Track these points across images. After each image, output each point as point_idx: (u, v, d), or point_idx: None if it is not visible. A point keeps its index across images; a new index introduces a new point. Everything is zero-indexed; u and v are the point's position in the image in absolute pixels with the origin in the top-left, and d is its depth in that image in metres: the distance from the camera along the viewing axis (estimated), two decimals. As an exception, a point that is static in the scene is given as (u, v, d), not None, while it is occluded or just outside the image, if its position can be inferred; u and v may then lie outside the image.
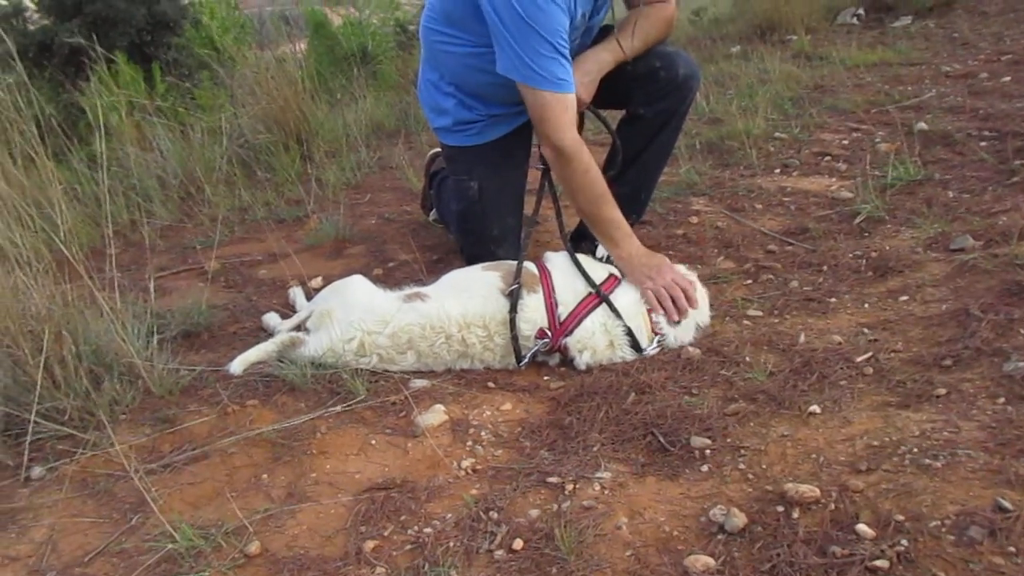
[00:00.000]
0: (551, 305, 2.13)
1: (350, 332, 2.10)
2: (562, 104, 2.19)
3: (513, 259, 2.27)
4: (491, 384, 2.08)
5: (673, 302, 2.18)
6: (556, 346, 2.13)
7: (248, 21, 9.39)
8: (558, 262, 2.27)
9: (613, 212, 2.30)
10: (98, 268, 2.20)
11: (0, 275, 1.95)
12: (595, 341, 2.11)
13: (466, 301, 2.13)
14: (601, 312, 2.14)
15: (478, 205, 2.56)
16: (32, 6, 9.55)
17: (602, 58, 2.38)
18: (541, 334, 2.11)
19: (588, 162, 2.25)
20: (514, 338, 2.10)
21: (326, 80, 5.98)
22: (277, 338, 2.24)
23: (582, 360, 2.11)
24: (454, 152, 2.61)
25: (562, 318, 2.12)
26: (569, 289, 2.17)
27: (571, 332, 2.11)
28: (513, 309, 2.10)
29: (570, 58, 2.20)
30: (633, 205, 2.65)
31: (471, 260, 2.50)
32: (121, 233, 3.44)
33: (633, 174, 2.62)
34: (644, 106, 2.51)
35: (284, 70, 4.45)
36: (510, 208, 2.60)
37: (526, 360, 2.12)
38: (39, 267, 2.05)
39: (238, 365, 2.14)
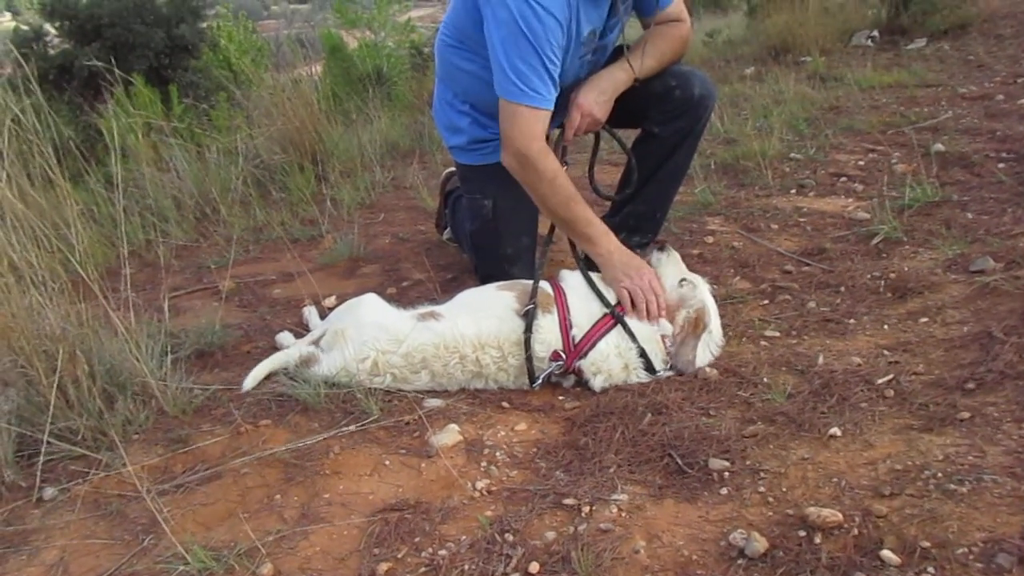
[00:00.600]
0: (565, 327, 2.11)
1: (364, 351, 2.09)
2: (535, 116, 2.19)
3: (527, 278, 2.26)
4: (506, 404, 2.06)
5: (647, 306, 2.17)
6: (570, 368, 2.11)
7: (265, 44, 9.52)
8: (573, 282, 2.25)
9: (585, 211, 2.29)
10: (113, 288, 2.20)
11: (16, 295, 1.96)
12: (609, 364, 2.09)
13: (480, 321, 2.12)
14: (615, 334, 2.12)
15: (492, 224, 2.56)
16: (53, 30, 9.69)
17: (617, 77, 2.38)
18: (555, 356, 2.09)
19: (555, 169, 2.24)
20: (528, 359, 2.09)
21: (341, 101, 6.02)
22: (291, 350, 2.23)
23: (596, 383, 2.09)
24: (469, 171, 2.61)
25: (576, 340, 2.10)
26: (584, 311, 2.15)
27: (585, 355, 2.09)
28: (528, 329, 2.09)
29: (556, 76, 2.20)
30: (648, 224, 2.64)
31: (485, 279, 2.49)
32: (136, 253, 3.46)
33: (648, 193, 2.61)
34: (659, 125, 2.51)
35: (300, 92, 4.49)
36: (524, 227, 2.60)
37: (539, 381, 2.10)
38: (55, 287, 2.05)
39: (250, 381, 2.14)
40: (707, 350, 2.16)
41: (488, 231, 2.58)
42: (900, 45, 6.48)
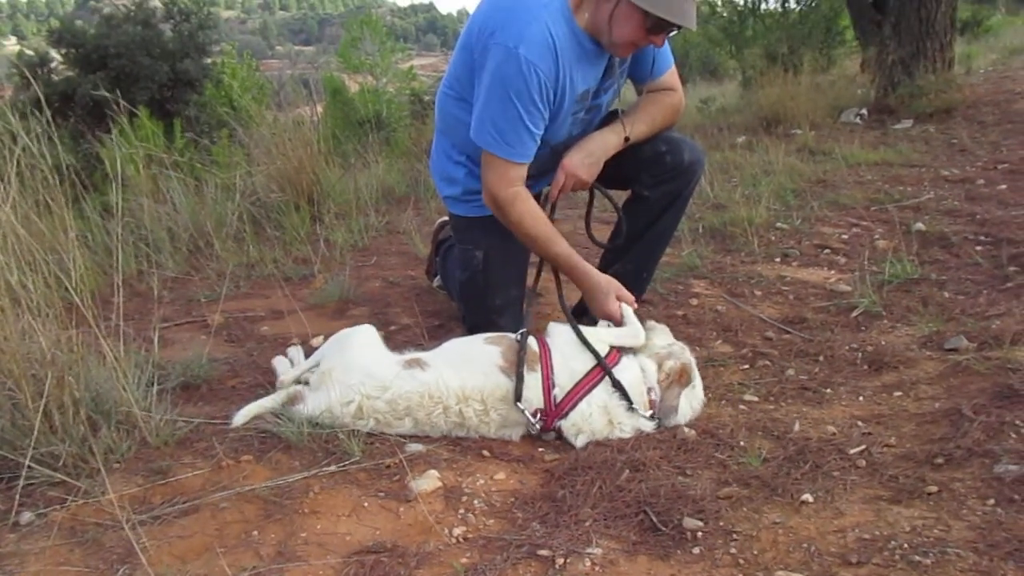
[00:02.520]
0: (547, 386, 2.15)
1: (349, 395, 2.12)
2: (506, 167, 2.30)
3: (514, 330, 2.30)
4: (486, 452, 2.09)
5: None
6: (550, 428, 2.14)
7: (267, 83, 9.65)
8: (558, 340, 2.28)
9: (561, 247, 2.39)
10: (104, 316, 2.23)
11: (10, 318, 1.98)
12: (592, 423, 2.12)
13: (465, 375, 2.15)
14: (601, 390, 2.15)
15: (482, 275, 2.61)
16: (58, 57, 9.82)
17: (608, 140, 2.46)
18: (536, 414, 2.12)
19: (522, 211, 2.34)
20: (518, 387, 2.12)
21: (340, 144, 6.11)
22: (278, 394, 2.25)
23: (578, 442, 2.12)
24: (462, 222, 2.67)
25: (557, 400, 2.13)
26: (565, 370, 2.18)
27: (566, 415, 2.12)
28: (520, 379, 2.12)
29: (536, 130, 2.28)
30: (635, 283, 2.70)
31: (472, 329, 2.53)
32: (128, 282, 3.47)
33: (636, 253, 2.68)
34: (649, 188, 2.59)
35: (300, 132, 4.57)
36: (514, 279, 2.65)
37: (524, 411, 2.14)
38: (48, 312, 2.07)
39: (240, 418, 2.15)
40: (689, 405, 2.20)
41: (478, 282, 2.63)
42: (887, 124, 6.68)
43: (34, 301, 2.05)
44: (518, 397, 2.11)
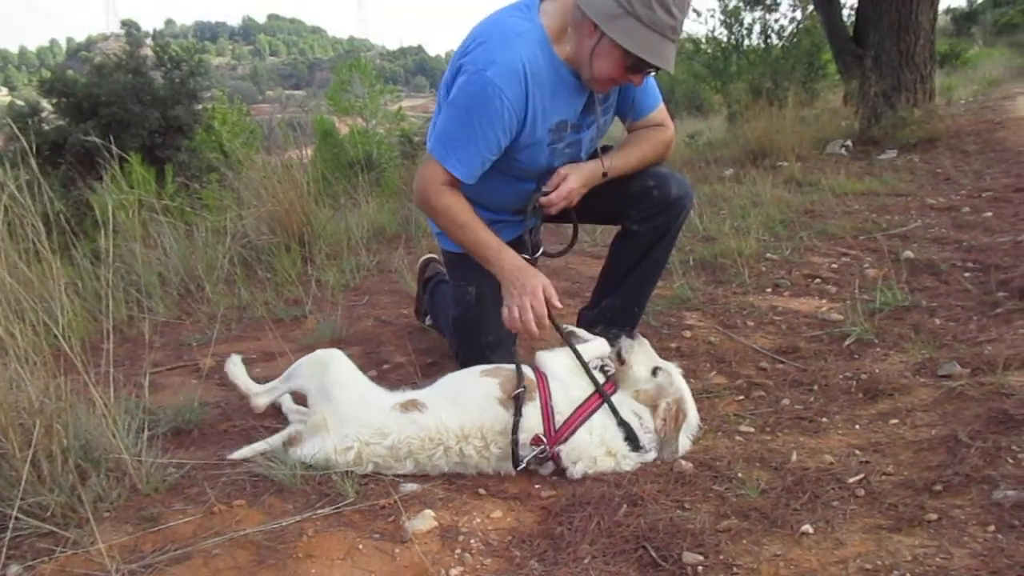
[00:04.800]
0: (547, 413, 2.13)
1: (346, 443, 2.09)
2: (442, 172, 2.32)
3: (511, 358, 2.30)
4: (482, 491, 2.06)
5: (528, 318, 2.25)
6: (552, 455, 2.12)
7: (258, 127, 9.74)
8: (553, 366, 2.27)
9: (479, 234, 2.36)
10: (94, 362, 2.21)
11: (-3, 367, 1.96)
12: (590, 451, 2.11)
13: (463, 413, 2.13)
14: (598, 420, 2.14)
15: (474, 311, 2.61)
16: (49, 107, 9.89)
17: (593, 169, 2.48)
18: (536, 440, 2.11)
19: (447, 203, 2.35)
20: (514, 442, 2.10)
21: (331, 185, 6.14)
22: (277, 437, 2.24)
23: (576, 470, 2.10)
24: (454, 258, 2.67)
25: (558, 426, 2.12)
26: (564, 397, 2.17)
27: (565, 440, 2.11)
28: (518, 412, 2.11)
29: (486, 155, 2.31)
30: (626, 317, 2.70)
31: (465, 364, 2.51)
32: (118, 328, 3.46)
33: (626, 287, 2.68)
34: (638, 223, 2.60)
35: (290, 174, 4.60)
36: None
37: (522, 465, 2.12)
38: (37, 360, 2.06)
39: (244, 452, 2.17)
40: (686, 437, 2.19)
41: (471, 318, 2.63)
42: (872, 155, 6.76)
43: (22, 349, 2.03)
44: (518, 411, 2.11)
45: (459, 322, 2.71)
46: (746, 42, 11.47)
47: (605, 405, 2.18)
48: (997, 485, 1.79)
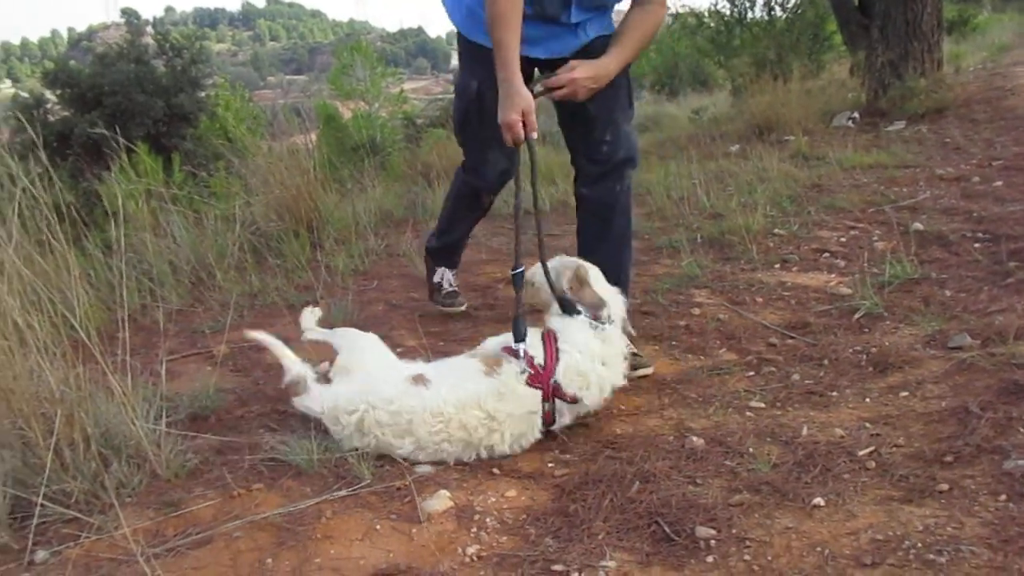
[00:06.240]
0: (530, 358, 2.18)
1: (354, 403, 2.12)
2: None
3: (504, 164, 2.71)
4: (495, 471, 2.09)
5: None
6: (548, 391, 2.16)
7: (261, 113, 9.73)
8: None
9: (507, 37, 2.40)
10: (110, 351, 2.24)
11: (18, 358, 1.99)
12: (584, 367, 2.18)
13: (456, 383, 2.14)
14: (580, 337, 2.23)
15: (475, 105, 2.71)
16: (53, 98, 9.90)
17: (609, 69, 2.53)
18: (533, 368, 2.15)
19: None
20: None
21: (337, 170, 6.15)
22: (293, 362, 2.36)
23: (585, 397, 2.18)
24: (471, 49, 2.72)
25: (543, 364, 2.18)
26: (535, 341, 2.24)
27: (556, 369, 2.17)
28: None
29: None
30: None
31: (469, 168, 2.65)
32: (132, 317, 3.48)
33: (602, 263, 2.71)
34: (586, 185, 2.76)
35: (296, 160, 4.61)
36: None
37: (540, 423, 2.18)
38: (55, 351, 2.09)
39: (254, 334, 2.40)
40: (605, 291, 2.36)
41: (471, 112, 2.73)
42: (880, 127, 6.71)
43: (40, 340, 2.06)
44: (519, 338, 2.18)
45: (462, 116, 2.83)
46: (749, 15, 11.35)
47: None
48: (1008, 455, 1.81)
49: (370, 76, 9.81)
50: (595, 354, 2.20)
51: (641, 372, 2.60)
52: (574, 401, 2.18)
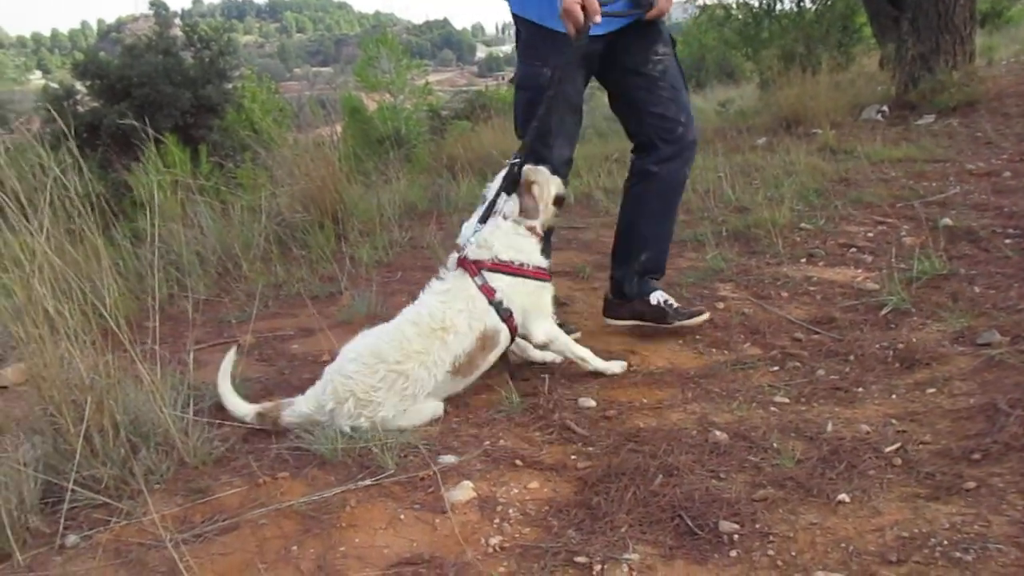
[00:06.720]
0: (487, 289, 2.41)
1: (323, 381, 2.28)
2: None
3: (567, 152, 2.78)
4: (518, 462, 2.10)
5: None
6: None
7: (287, 105, 9.79)
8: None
9: None
10: (139, 340, 2.27)
11: (49, 345, 2.03)
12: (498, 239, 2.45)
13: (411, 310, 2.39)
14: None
15: (548, 91, 2.64)
16: (83, 89, 10.03)
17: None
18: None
19: None
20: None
21: (361, 162, 6.19)
22: None
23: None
24: (536, 33, 2.72)
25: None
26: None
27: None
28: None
29: None
30: (658, 265, 2.93)
31: (531, 151, 2.65)
32: (160, 306, 3.53)
33: (652, 238, 2.89)
34: (657, 163, 2.79)
35: (321, 152, 4.64)
36: (570, 107, 2.75)
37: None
38: (85, 339, 2.12)
39: None
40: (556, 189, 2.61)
41: (541, 101, 2.65)
42: (909, 120, 6.60)
43: (71, 328, 2.10)
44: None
45: (525, 105, 2.79)
46: (778, 6, 11.21)
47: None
48: (1037, 453, 1.79)
49: (395, 68, 9.84)
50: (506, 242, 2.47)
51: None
52: None
